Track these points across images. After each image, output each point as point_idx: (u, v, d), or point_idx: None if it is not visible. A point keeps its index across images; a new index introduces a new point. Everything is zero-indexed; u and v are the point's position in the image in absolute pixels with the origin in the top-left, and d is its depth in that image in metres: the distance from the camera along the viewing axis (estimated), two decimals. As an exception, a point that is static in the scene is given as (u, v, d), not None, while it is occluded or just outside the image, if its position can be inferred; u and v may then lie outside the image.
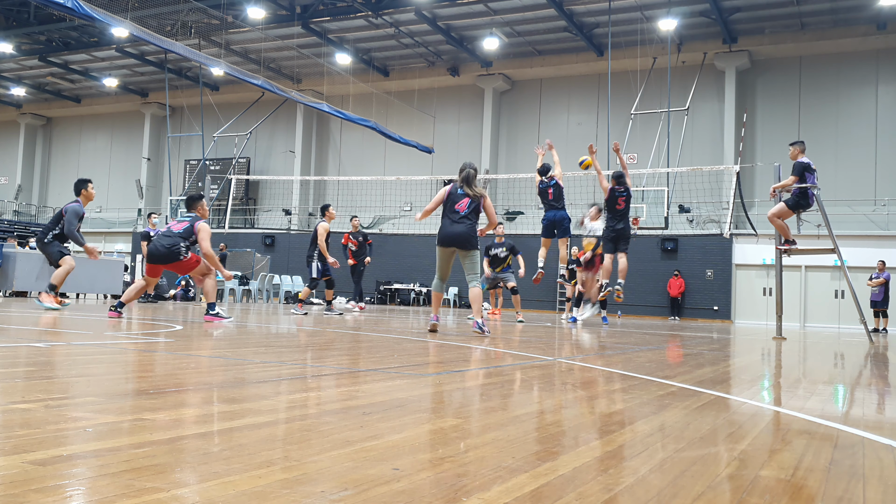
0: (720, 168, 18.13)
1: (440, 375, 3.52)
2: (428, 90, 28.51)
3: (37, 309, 9.00)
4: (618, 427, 2.25)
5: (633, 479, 1.56)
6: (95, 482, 1.34)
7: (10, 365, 3.19)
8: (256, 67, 27.09)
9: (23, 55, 29.03)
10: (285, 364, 3.76)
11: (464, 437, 1.96)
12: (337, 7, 23.97)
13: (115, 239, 33.14)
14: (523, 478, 1.52)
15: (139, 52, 28.91)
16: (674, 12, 21.92)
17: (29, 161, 36.65)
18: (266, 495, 1.30)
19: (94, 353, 3.87)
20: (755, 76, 24.38)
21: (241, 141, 29.97)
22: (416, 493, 1.36)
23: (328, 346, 5.22)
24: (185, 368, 3.40)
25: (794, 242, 9.86)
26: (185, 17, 24.58)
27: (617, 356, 5.25)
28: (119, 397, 2.41)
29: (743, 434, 2.22)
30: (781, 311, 10.17)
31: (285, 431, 1.94)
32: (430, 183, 26.31)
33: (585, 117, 26.38)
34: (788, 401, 3.24)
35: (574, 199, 24.12)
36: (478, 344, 5.87)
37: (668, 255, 23.53)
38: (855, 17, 22.15)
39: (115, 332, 5.75)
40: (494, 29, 24.42)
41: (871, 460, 1.91)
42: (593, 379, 3.62)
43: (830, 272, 21.80)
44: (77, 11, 14.84)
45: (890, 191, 22.27)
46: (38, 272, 16.41)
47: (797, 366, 5.66)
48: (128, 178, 33.97)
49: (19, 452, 1.52)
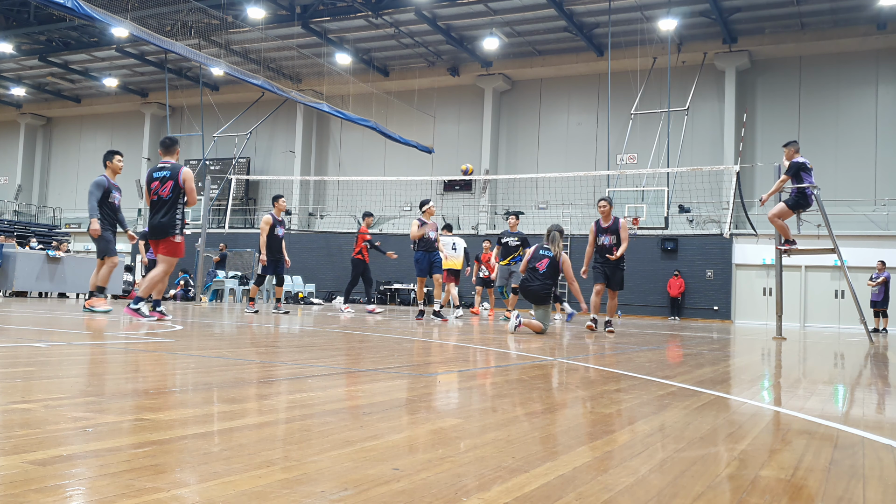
0: (720, 168, 18.11)
1: (440, 375, 3.52)
2: (428, 90, 28.51)
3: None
4: (618, 427, 2.25)
5: (633, 479, 1.56)
6: (95, 482, 1.34)
7: (10, 365, 3.19)
8: (256, 67, 27.09)
9: (23, 55, 29.03)
10: (285, 364, 3.76)
11: (464, 437, 1.96)
12: (337, 7, 23.96)
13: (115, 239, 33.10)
14: (523, 478, 1.52)
15: (139, 52, 28.91)
16: (674, 12, 21.92)
17: (29, 161, 36.65)
18: (266, 495, 1.30)
19: (94, 353, 3.87)
20: (755, 76, 24.38)
21: (241, 141, 29.97)
22: (416, 493, 1.36)
23: (328, 346, 5.22)
24: (185, 368, 3.40)
25: (794, 242, 9.87)
26: (185, 17, 24.58)
27: (617, 356, 5.25)
28: (119, 397, 2.41)
29: (743, 434, 2.22)
30: (781, 311, 10.17)
31: (285, 431, 1.94)
32: (430, 183, 26.31)
33: (585, 117, 26.38)
34: (788, 401, 3.24)
35: (574, 200, 24.20)
36: (478, 344, 5.87)
37: (668, 255, 23.54)
38: (855, 17, 22.14)
39: (114, 332, 5.75)
40: (494, 29, 24.42)
41: (871, 460, 1.91)
42: (593, 379, 3.62)
43: (830, 272, 21.80)
44: (77, 11, 14.84)
45: (890, 191, 22.27)
46: (38, 272, 16.42)
47: (797, 366, 5.66)
48: (128, 178, 33.95)
49: (19, 452, 1.52)
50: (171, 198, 7.37)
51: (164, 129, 31.80)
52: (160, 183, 7.42)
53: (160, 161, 7.63)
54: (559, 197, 24.25)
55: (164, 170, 7.46)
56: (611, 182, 21.59)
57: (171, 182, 7.39)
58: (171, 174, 7.42)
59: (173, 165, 7.52)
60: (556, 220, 24.74)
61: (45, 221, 34.84)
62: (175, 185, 7.37)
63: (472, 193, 27.35)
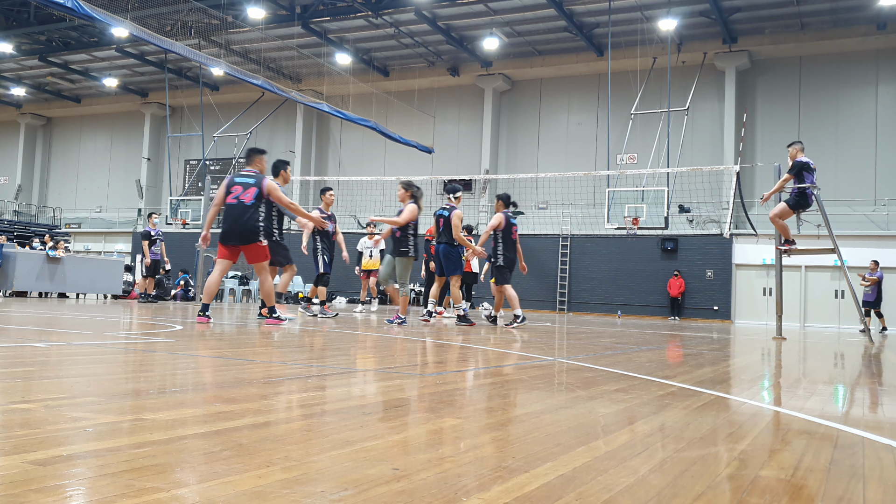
0: (720, 168, 18.13)
1: (440, 375, 3.52)
2: (428, 90, 28.51)
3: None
4: (618, 427, 2.25)
5: (633, 479, 1.56)
6: (95, 482, 1.34)
7: (10, 365, 3.19)
8: (256, 67, 27.09)
9: (23, 55, 29.03)
10: (285, 364, 3.76)
11: (464, 437, 1.96)
12: (337, 7, 23.96)
13: (115, 239, 33.16)
14: (523, 478, 1.52)
15: (139, 52, 28.91)
16: (674, 12, 21.92)
17: (29, 161, 36.65)
18: (266, 495, 1.30)
19: (94, 353, 3.87)
20: (755, 76, 24.38)
21: (241, 141, 29.97)
22: (416, 493, 1.36)
23: (328, 345, 5.22)
24: (185, 368, 3.40)
25: (794, 242, 9.88)
26: (185, 17, 24.58)
27: (617, 356, 5.25)
28: (119, 397, 2.41)
29: (743, 434, 2.22)
30: (781, 311, 10.17)
31: (285, 431, 1.94)
32: (430, 183, 26.29)
33: (585, 117, 26.38)
34: (788, 401, 3.24)
35: (574, 200, 24.21)
36: (477, 344, 5.87)
37: (668, 255, 23.53)
38: (855, 17, 22.14)
39: (115, 332, 5.75)
40: (494, 29, 24.42)
41: (871, 460, 1.91)
42: (593, 379, 3.62)
43: (830, 272, 21.80)
44: (77, 11, 14.83)
45: (890, 191, 22.27)
46: (38, 272, 16.42)
47: (797, 366, 5.66)
48: (128, 178, 33.98)
49: (19, 452, 1.52)
50: (252, 203, 7.46)
51: (164, 128, 31.80)
52: (242, 188, 7.51)
53: (244, 169, 7.77)
54: (559, 197, 24.26)
55: (250, 177, 7.61)
56: (611, 182, 21.58)
57: (254, 189, 7.50)
58: (255, 181, 7.56)
59: (258, 174, 7.68)
60: (556, 220, 24.82)
61: (45, 221, 34.83)
62: (259, 192, 7.48)
63: (472, 193, 27.35)
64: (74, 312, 9.04)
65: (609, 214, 19.76)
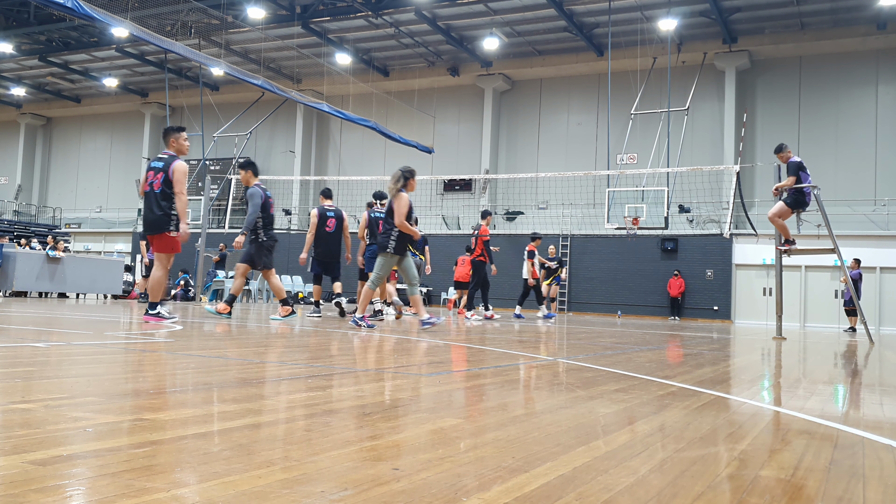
0: (720, 168, 18.12)
1: (440, 375, 3.52)
2: (428, 90, 28.51)
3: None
4: (618, 427, 2.24)
5: (633, 479, 1.56)
6: (95, 482, 1.34)
7: (10, 365, 3.19)
8: (256, 67, 27.09)
9: (23, 55, 29.03)
10: (285, 364, 3.75)
11: (464, 437, 1.96)
12: (337, 7, 23.97)
13: (115, 239, 33.14)
14: (523, 478, 1.52)
15: (139, 52, 28.91)
16: (674, 12, 21.92)
17: (29, 161, 36.64)
18: (266, 495, 1.30)
19: (94, 353, 3.87)
20: (755, 76, 24.38)
21: (241, 141, 29.97)
22: (416, 493, 1.36)
23: (328, 345, 5.21)
24: (185, 368, 3.40)
25: (794, 242, 9.88)
26: (185, 17, 24.58)
27: (617, 356, 5.25)
28: (119, 397, 2.41)
29: (743, 434, 2.22)
30: (781, 311, 10.17)
31: (285, 431, 1.94)
32: (431, 183, 26.32)
33: (585, 117, 26.38)
34: (788, 401, 3.24)
35: (574, 200, 24.20)
36: (477, 344, 5.87)
37: (668, 255, 23.53)
38: (855, 17, 22.14)
39: (114, 332, 5.75)
40: (494, 29, 24.42)
41: (871, 460, 1.91)
42: (593, 379, 3.62)
43: (830, 272, 21.79)
44: (77, 11, 14.84)
45: (890, 191, 22.27)
46: (38, 272, 16.42)
47: (797, 366, 5.66)
48: (128, 178, 33.96)
49: (19, 452, 1.52)
50: (161, 191, 6.83)
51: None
52: (154, 174, 6.90)
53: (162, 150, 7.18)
54: (559, 197, 24.26)
55: (160, 160, 6.96)
56: (611, 182, 21.58)
57: (162, 174, 6.85)
58: (164, 166, 6.90)
59: (169, 157, 6.99)
60: (556, 220, 24.81)
61: (45, 221, 34.83)
62: (166, 177, 6.82)
63: (472, 193, 27.36)
64: (74, 312, 9.04)
65: (609, 214, 19.76)
